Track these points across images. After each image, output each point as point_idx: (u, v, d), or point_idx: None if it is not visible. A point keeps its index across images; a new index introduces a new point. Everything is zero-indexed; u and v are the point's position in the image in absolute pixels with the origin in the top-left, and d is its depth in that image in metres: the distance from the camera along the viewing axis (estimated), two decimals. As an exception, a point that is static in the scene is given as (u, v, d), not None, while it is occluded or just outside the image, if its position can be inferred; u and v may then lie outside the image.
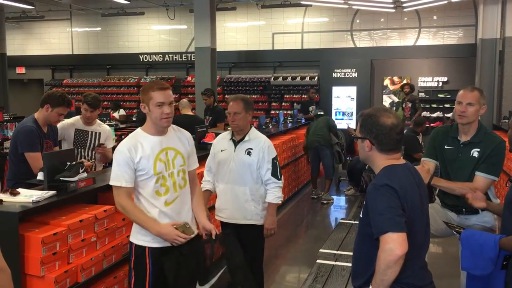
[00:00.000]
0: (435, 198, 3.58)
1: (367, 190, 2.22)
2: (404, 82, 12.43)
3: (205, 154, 4.13)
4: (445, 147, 3.32)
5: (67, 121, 4.55)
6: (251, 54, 13.88)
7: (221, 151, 3.64)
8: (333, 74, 13.04)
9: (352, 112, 12.89)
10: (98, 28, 15.47)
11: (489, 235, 2.61)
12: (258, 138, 3.60)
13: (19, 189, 3.03)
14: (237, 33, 14.14)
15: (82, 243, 2.95)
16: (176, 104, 11.66)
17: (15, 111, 12.64)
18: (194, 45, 11.70)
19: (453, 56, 12.40)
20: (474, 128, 3.23)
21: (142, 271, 2.72)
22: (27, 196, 2.93)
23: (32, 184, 3.28)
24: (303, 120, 10.29)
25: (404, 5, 10.70)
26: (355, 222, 4.53)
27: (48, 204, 2.94)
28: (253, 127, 3.67)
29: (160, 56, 14.69)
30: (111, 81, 15.05)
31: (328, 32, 13.38)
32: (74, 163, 3.22)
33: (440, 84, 12.70)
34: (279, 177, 3.57)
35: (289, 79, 13.39)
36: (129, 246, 2.81)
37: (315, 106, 11.01)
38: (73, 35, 15.76)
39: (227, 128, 4.61)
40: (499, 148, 3.17)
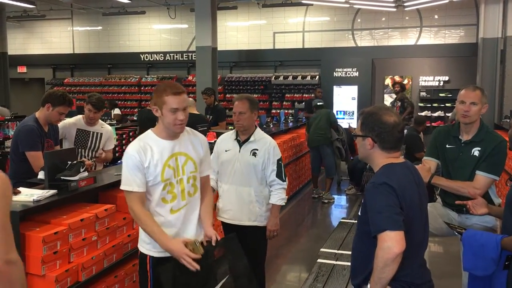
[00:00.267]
0: (436, 198, 3.57)
1: (365, 188, 2.22)
2: (396, 80, 12.43)
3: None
4: (447, 146, 3.32)
5: (69, 121, 4.55)
6: (252, 53, 13.87)
7: (225, 151, 3.58)
8: (334, 73, 13.03)
9: (353, 111, 12.87)
10: (99, 27, 15.47)
11: (490, 235, 2.60)
12: (263, 139, 3.56)
13: (20, 188, 3.03)
14: (238, 32, 14.13)
15: (83, 242, 2.95)
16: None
17: (16, 110, 12.62)
18: (195, 44, 11.70)
19: (454, 55, 12.39)
20: (476, 127, 3.23)
21: (144, 278, 2.73)
22: (28, 195, 2.92)
23: (33, 183, 3.28)
24: (304, 119, 10.27)
25: (405, 4, 10.70)
26: (356, 221, 4.52)
27: (49, 203, 2.94)
28: (258, 128, 3.63)
29: (161, 55, 14.69)
30: (112, 80, 15.06)
31: (329, 31, 13.37)
32: (75, 162, 3.21)
33: (441, 83, 12.70)
34: (284, 179, 3.53)
35: (290, 78, 13.37)
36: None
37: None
38: (74, 34, 15.77)
39: (228, 127, 4.59)
40: (500, 147, 3.15)
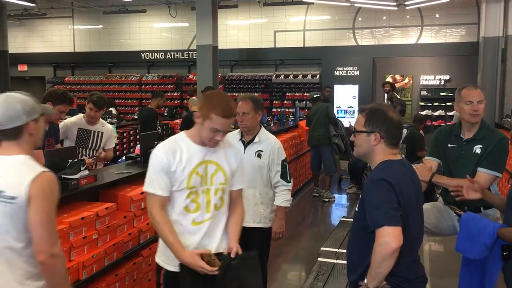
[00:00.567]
0: (437, 197, 3.57)
1: (364, 183, 2.23)
2: (387, 80, 12.39)
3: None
4: (448, 145, 3.32)
5: (70, 120, 4.54)
6: (253, 52, 13.86)
7: None
8: (335, 72, 13.01)
9: (354, 110, 12.86)
10: (100, 26, 15.46)
11: (489, 221, 2.61)
12: (268, 140, 3.51)
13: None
14: (238, 31, 14.12)
15: (83, 240, 2.95)
16: (186, 102, 11.65)
17: (16, 108, 12.63)
18: (196, 43, 11.69)
19: (455, 54, 12.36)
20: (477, 125, 3.23)
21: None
22: (29, 193, 2.92)
23: (33, 182, 3.27)
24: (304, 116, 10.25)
25: (406, 3, 10.68)
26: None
27: (49, 201, 2.94)
28: (263, 128, 3.58)
29: (161, 54, 14.68)
30: (112, 79, 15.04)
31: (330, 30, 13.35)
32: (75, 160, 3.22)
33: (442, 82, 12.68)
34: (289, 180, 3.49)
35: (291, 77, 13.36)
36: None
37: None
38: (75, 33, 15.75)
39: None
40: (501, 144, 3.16)
